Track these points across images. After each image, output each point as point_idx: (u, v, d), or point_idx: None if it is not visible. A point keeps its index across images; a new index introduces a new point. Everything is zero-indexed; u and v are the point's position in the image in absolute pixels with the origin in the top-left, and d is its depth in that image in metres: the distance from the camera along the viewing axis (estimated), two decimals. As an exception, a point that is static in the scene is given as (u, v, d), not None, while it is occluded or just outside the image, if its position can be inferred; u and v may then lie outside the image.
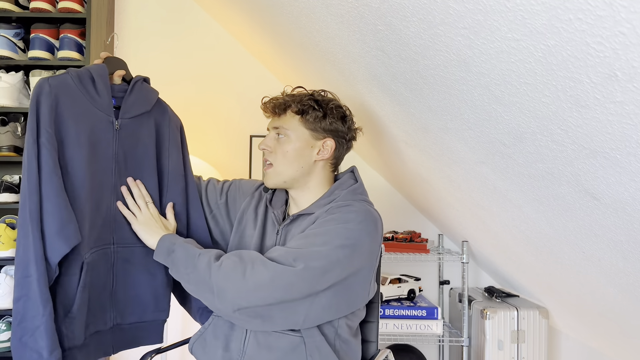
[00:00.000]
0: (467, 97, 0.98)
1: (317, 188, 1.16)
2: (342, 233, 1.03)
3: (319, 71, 1.69)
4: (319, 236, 1.03)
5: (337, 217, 1.06)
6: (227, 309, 0.99)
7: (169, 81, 2.25)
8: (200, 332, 1.13)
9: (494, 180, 1.24)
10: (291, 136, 1.14)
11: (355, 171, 1.22)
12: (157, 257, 1.09)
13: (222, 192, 1.29)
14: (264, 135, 1.21)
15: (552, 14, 0.61)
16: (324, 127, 1.14)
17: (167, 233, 1.11)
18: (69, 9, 1.95)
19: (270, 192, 1.24)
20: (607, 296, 1.29)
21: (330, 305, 1.03)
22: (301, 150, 1.13)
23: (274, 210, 1.19)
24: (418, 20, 0.87)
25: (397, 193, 2.28)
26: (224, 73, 2.28)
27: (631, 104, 0.65)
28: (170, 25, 2.27)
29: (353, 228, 1.04)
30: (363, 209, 1.08)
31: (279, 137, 1.16)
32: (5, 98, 1.89)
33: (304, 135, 1.14)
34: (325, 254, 1.00)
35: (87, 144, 1.04)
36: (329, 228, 1.04)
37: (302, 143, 1.14)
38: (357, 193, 1.14)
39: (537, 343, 1.83)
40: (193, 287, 1.04)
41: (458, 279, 2.24)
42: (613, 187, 0.86)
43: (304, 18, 1.34)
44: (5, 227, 1.83)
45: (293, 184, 1.16)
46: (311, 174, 1.16)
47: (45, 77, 1.01)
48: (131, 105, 1.14)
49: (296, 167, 1.14)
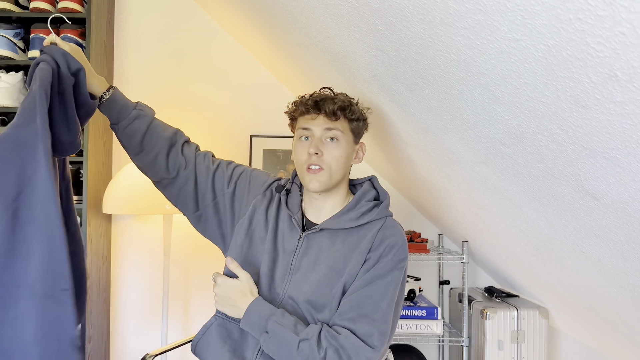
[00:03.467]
0: (467, 97, 0.98)
1: (340, 192, 1.18)
2: (397, 276, 1.09)
3: (319, 71, 1.69)
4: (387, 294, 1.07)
5: (392, 264, 1.09)
6: None
7: (169, 81, 2.25)
8: (202, 331, 1.13)
9: (494, 180, 1.24)
10: (342, 141, 1.14)
11: (375, 181, 1.23)
12: (244, 327, 1.07)
13: (231, 181, 1.23)
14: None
15: (552, 14, 0.61)
16: (361, 134, 1.20)
17: (248, 308, 1.06)
18: (69, 9, 1.96)
19: (284, 192, 1.21)
20: (607, 296, 1.29)
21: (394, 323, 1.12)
22: (349, 156, 1.16)
23: (293, 214, 1.16)
24: (418, 20, 0.87)
25: (397, 193, 2.28)
26: (224, 73, 2.28)
27: (631, 104, 0.65)
28: (170, 25, 2.27)
29: (404, 266, 1.11)
30: (401, 235, 1.14)
31: (332, 140, 1.13)
32: (5, 98, 1.89)
33: (350, 141, 1.16)
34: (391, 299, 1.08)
35: None
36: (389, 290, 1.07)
37: (350, 149, 1.16)
38: (387, 207, 1.18)
39: (537, 343, 1.83)
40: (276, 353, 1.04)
41: (458, 279, 2.24)
42: (613, 187, 0.86)
43: (303, 18, 1.34)
44: (5, 227, 1.83)
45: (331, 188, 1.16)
46: (345, 177, 1.19)
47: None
48: None
49: (342, 172, 1.15)
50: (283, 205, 1.18)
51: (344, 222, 1.11)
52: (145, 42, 2.26)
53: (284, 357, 1.02)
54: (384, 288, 1.06)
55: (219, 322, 1.11)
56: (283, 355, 1.02)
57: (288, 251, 1.12)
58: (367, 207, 1.13)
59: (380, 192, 1.20)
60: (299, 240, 1.12)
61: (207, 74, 2.28)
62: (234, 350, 1.06)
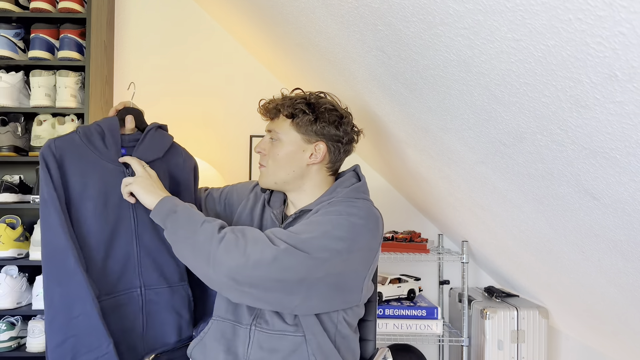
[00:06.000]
0: (467, 97, 0.98)
1: (314, 190, 1.16)
2: (344, 225, 1.03)
3: (318, 71, 1.69)
4: (322, 224, 1.03)
5: (340, 209, 1.06)
6: (221, 278, 0.98)
7: (169, 81, 2.25)
8: (200, 336, 1.13)
9: (494, 180, 1.24)
10: (283, 140, 1.14)
11: (358, 169, 1.21)
12: (154, 216, 1.08)
13: (220, 200, 1.31)
14: (264, 135, 1.21)
15: (552, 14, 0.61)
16: (315, 131, 1.13)
17: (168, 195, 1.11)
18: (69, 9, 1.95)
19: (268, 192, 1.24)
20: (607, 296, 1.29)
21: (324, 296, 1.02)
22: (292, 154, 1.13)
23: (273, 210, 1.19)
24: (418, 20, 0.87)
25: (397, 193, 2.28)
26: (224, 73, 2.28)
27: (631, 104, 0.65)
28: (170, 25, 2.27)
29: (355, 222, 1.04)
30: (365, 206, 1.09)
31: (272, 140, 1.16)
32: (5, 98, 1.89)
33: (295, 139, 1.13)
34: (326, 243, 1.00)
35: (96, 195, 1.09)
36: (331, 218, 1.04)
37: (294, 147, 1.13)
38: (359, 191, 1.14)
39: (537, 343, 1.83)
40: (188, 252, 1.03)
41: (458, 279, 2.24)
42: (613, 187, 0.86)
43: (303, 18, 1.34)
44: (6, 227, 1.83)
45: (285, 187, 1.17)
46: (305, 177, 1.15)
47: (52, 139, 1.09)
48: (142, 154, 1.17)
49: (287, 171, 1.14)
50: (266, 204, 1.22)
51: (315, 205, 1.12)
52: (145, 42, 2.26)
53: (185, 233, 1.03)
54: (314, 225, 1.03)
55: (215, 326, 1.12)
56: (186, 230, 1.03)
57: None
58: (342, 192, 1.12)
59: (362, 180, 1.18)
60: None
61: (207, 74, 2.28)
62: (228, 349, 1.07)
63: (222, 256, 0.98)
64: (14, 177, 1.93)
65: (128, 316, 1.13)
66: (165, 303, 1.19)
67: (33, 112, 1.96)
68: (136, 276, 1.15)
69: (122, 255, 1.13)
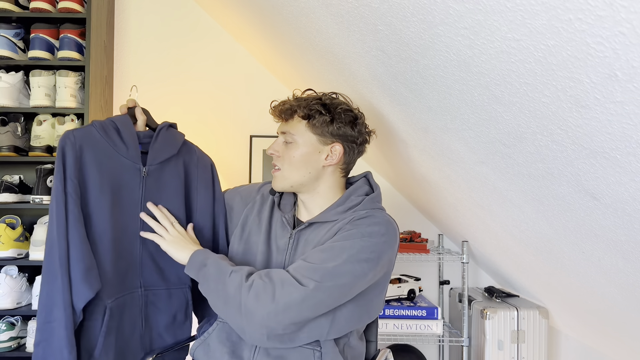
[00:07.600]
0: (467, 97, 0.98)
1: (328, 193, 1.16)
2: (367, 247, 1.03)
3: (319, 71, 1.69)
4: (345, 250, 1.02)
5: (361, 231, 1.05)
6: (255, 328, 0.98)
7: (169, 81, 2.25)
8: (203, 337, 1.13)
9: (494, 180, 1.24)
10: (298, 141, 1.12)
11: (370, 177, 1.21)
12: (188, 271, 1.08)
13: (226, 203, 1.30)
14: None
15: (552, 14, 0.61)
16: (331, 132, 1.12)
17: (198, 248, 1.11)
18: (69, 9, 1.95)
19: (277, 194, 1.22)
20: (607, 296, 1.29)
21: (352, 317, 1.04)
22: (308, 156, 1.12)
23: (284, 214, 1.17)
24: (418, 20, 0.87)
25: (397, 193, 2.28)
26: (224, 73, 2.28)
27: (631, 104, 0.65)
28: (170, 25, 2.27)
29: (377, 242, 1.04)
30: (384, 219, 1.09)
31: (286, 142, 1.15)
32: (5, 98, 1.89)
33: (311, 141, 1.12)
34: (351, 269, 1.00)
35: (110, 191, 1.08)
36: (353, 242, 1.03)
37: (309, 148, 1.12)
38: (375, 201, 1.15)
39: (537, 343, 1.83)
40: (221, 304, 1.03)
41: (458, 279, 2.24)
42: (613, 187, 0.86)
43: (303, 18, 1.34)
44: (5, 227, 1.83)
45: (300, 189, 1.16)
46: (320, 179, 1.15)
47: (71, 130, 1.07)
48: (157, 151, 1.17)
49: (303, 172, 1.13)
50: (276, 207, 1.20)
51: (331, 216, 1.11)
52: (145, 42, 2.26)
53: (216, 285, 1.03)
54: (337, 251, 1.02)
55: (219, 327, 1.12)
56: (216, 283, 1.03)
57: (281, 250, 1.13)
58: (357, 201, 1.13)
59: (373, 186, 1.19)
60: (289, 238, 1.13)
61: (207, 74, 2.28)
62: (233, 352, 1.06)
63: (252, 304, 0.97)
64: (14, 177, 1.93)
65: (130, 316, 1.13)
66: (162, 304, 1.19)
67: (33, 112, 1.96)
68: (137, 276, 1.15)
69: (128, 253, 1.13)
